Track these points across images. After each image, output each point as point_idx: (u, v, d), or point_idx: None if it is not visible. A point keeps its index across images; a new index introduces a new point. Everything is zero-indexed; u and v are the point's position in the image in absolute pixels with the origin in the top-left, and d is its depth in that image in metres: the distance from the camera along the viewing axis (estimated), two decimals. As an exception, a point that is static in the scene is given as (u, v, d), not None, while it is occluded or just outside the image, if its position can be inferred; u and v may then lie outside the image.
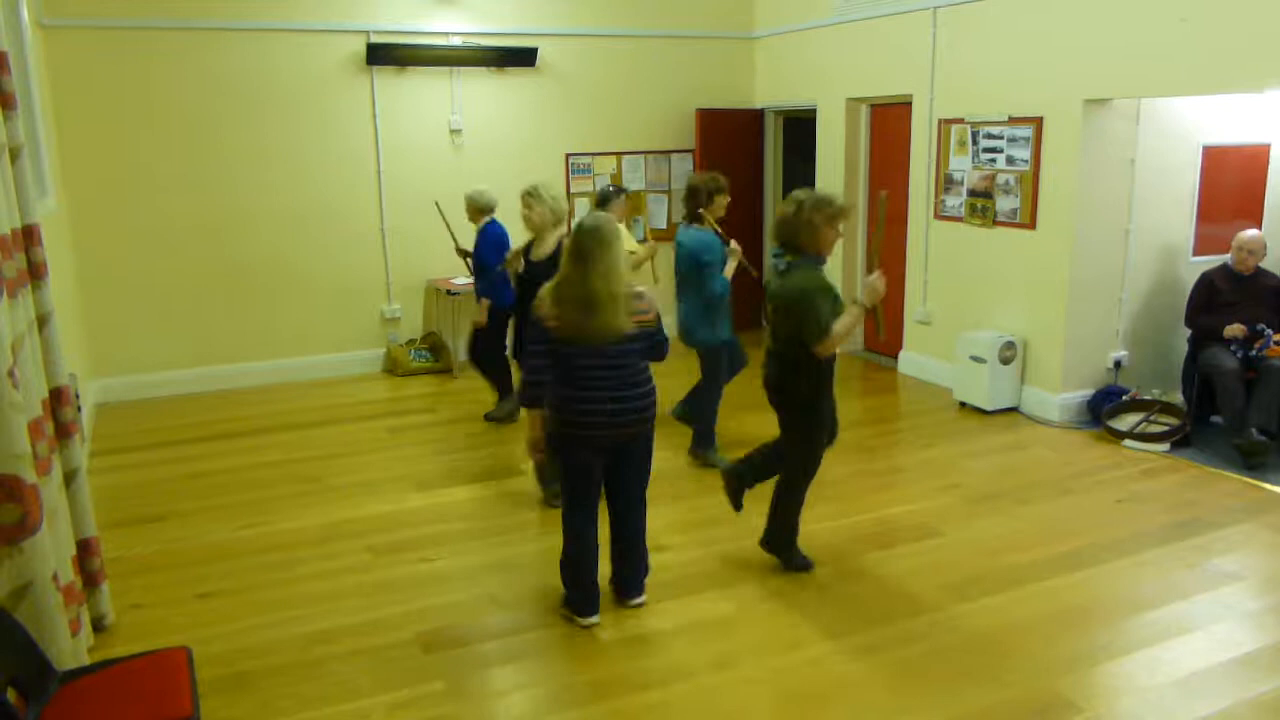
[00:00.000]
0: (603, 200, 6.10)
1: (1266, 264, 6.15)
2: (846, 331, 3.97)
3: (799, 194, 4.07)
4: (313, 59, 7.47)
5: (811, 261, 4.04)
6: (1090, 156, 6.05)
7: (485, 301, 6.34)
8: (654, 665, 3.61)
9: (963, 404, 6.77)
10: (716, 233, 5.37)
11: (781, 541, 4.36)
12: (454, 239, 7.10)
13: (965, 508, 5.05)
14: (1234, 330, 5.87)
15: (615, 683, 3.50)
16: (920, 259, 7.35)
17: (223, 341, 7.58)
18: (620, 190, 6.24)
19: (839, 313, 4.00)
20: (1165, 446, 5.85)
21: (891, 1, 7.27)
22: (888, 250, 6.29)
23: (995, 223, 6.66)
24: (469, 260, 6.79)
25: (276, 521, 5.01)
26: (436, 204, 7.25)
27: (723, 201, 5.39)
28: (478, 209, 6.52)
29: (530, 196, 5.44)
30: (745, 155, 9.02)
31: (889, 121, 7.77)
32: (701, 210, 5.35)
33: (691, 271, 5.32)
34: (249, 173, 7.43)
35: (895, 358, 7.82)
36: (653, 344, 3.80)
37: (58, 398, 3.66)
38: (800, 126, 8.91)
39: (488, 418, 6.64)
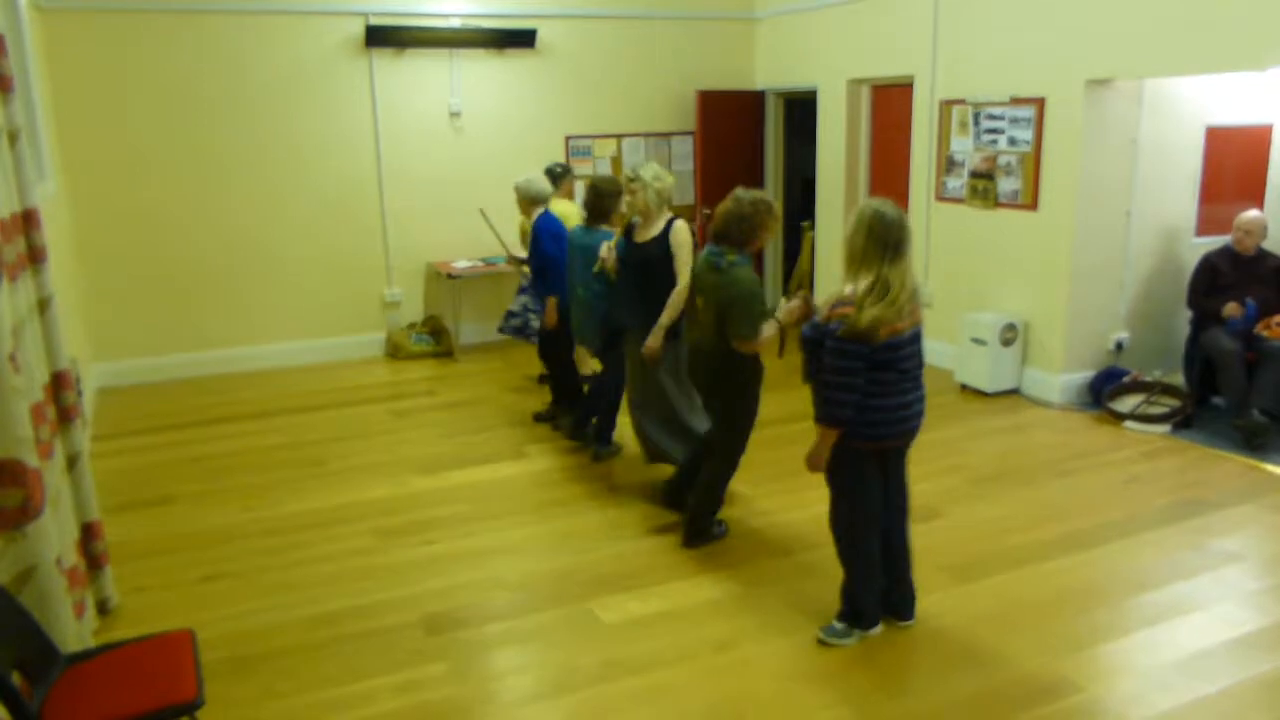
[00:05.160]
0: (554, 179, 6.37)
1: (1267, 244, 6.14)
2: (767, 340, 4.05)
3: (742, 193, 4.10)
4: (312, 41, 7.43)
5: (747, 260, 4.10)
6: (1092, 137, 6.02)
7: (553, 299, 5.82)
8: (656, 647, 3.62)
9: (964, 386, 6.77)
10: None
11: (702, 527, 4.47)
12: (505, 248, 6.91)
13: (967, 489, 5.06)
14: (1231, 309, 5.85)
15: (618, 664, 3.52)
16: (921, 241, 7.33)
17: (223, 325, 7.58)
18: (567, 169, 6.50)
19: (766, 316, 4.09)
20: (1166, 428, 5.85)
21: (893, -19, 7.23)
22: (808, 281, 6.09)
23: (997, 204, 6.64)
24: (525, 267, 6.31)
25: (279, 505, 5.02)
26: (482, 211, 7.16)
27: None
28: (529, 200, 6.00)
29: (633, 182, 5.01)
30: (746, 137, 8.99)
31: (890, 103, 7.73)
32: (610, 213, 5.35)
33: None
34: (249, 155, 7.41)
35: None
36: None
37: (59, 382, 3.66)
38: (801, 108, 8.88)
39: (537, 418, 6.28)
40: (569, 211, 6.38)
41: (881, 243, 3.32)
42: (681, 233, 4.73)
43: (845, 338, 3.29)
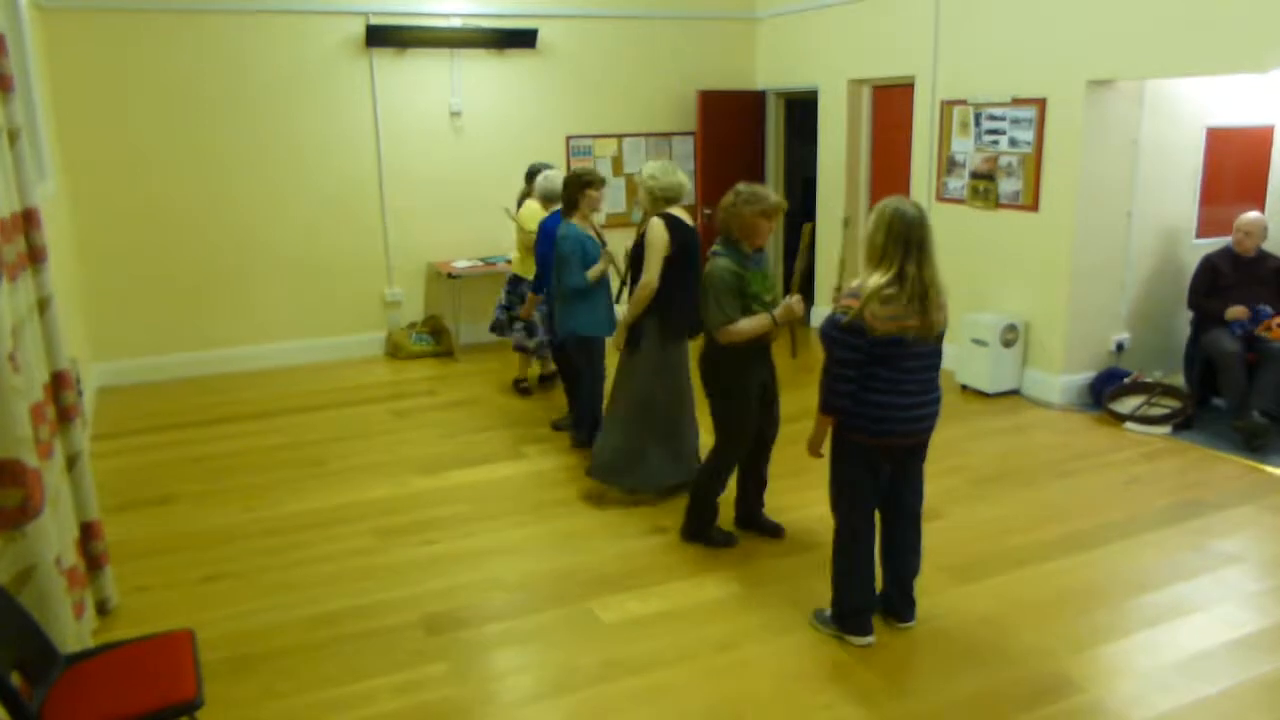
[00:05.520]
0: (529, 178, 6.51)
1: (1268, 245, 6.14)
2: (750, 331, 4.05)
3: (740, 186, 4.10)
4: (312, 41, 7.43)
5: (736, 252, 4.09)
6: (1093, 138, 6.02)
7: (531, 295, 6.11)
8: (656, 647, 3.62)
9: (964, 387, 6.76)
10: (594, 230, 5.38)
11: (697, 528, 4.46)
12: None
13: (967, 490, 5.06)
14: (1236, 312, 5.86)
15: (618, 664, 3.52)
16: (922, 241, 7.32)
17: (223, 325, 7.57)
18: (538, 168, 6.46)
19: (751, 307, 4.06)
20: (1167, 429, 5.85)
21: (894, -18, 7.23)
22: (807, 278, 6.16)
23: (997, 205, 6.64)
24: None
25: (279, 505, 5.02)
26: (507, 210, 7.14)
27: (594, 196, 5.33)
28: (543, 198, 6.09)
29: (636, 177, 5.09)
30: (747, 137, 8.98)
31: (891, 103, 7.73)
32: (579, 202, 5.34)
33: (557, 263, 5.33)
34: (249, 155, 7.40)
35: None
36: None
37: (59, 382, 3.65)
38: (802, 108, 8.87)
39: (556, 426, 6.14)
40: (534, 211, 6.37)
41: (902, 241, 3.34)
42: (652, 231, 4.65)
43: (845, 328, 3.32)
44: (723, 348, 4.13)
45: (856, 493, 3.58)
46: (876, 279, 3.33)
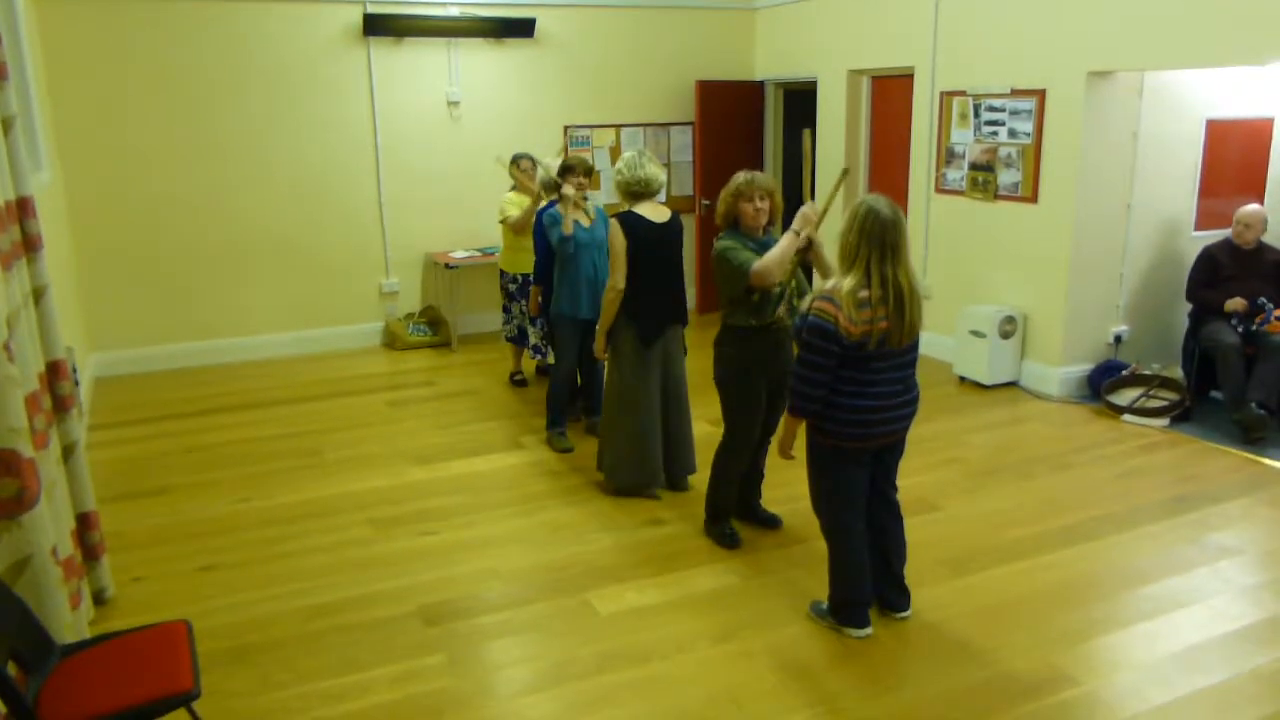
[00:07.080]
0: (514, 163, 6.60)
1: (1267, 238, 6.13)
2: (779, 258, 3.82)
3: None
4: (310, 29, 7.39)
5: (738, 236, 4.09)
6: (1093, 130, 6.01)
7: (534, 287, 6.08)
8: (654, 638, 3.62)
9: (962, 378, 6.76)
10: (586, 216, 5.47)
11: (708, 518, 4.46)
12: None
13: (965, 482, 5.06)
14: (1235, 304, 5.86)
15: (615, 655, 3.52)
16: (921, 233, 7.32)
17: (220, 315, 7.55)
18: (514, 158, 6.59)
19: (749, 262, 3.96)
20: (1165, 421, 5.85)
21: (894, -28, 7.20)
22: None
23: (996, 196, 6.63)
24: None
25: (276, 495, 5.01)
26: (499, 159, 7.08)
27: (573, 183, 5.42)
28: (543, 188, 6.12)
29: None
30: (746, 128, 8.96)
31: (890, 94, 7.71)
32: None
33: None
34: (246, 144, 7.37)
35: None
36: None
37: (55, 371, 3.64)
38: (801, 99, 8.85)
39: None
40: (510, 201, 6.49)
41: (877, 241, 3.28)
42: (610, 234, 4.65)
43: (819, 332, 3.30)
44: (723, 339, 4.13)
45: (843, 490, 3.56)
46: (849, 282, 3.30)
